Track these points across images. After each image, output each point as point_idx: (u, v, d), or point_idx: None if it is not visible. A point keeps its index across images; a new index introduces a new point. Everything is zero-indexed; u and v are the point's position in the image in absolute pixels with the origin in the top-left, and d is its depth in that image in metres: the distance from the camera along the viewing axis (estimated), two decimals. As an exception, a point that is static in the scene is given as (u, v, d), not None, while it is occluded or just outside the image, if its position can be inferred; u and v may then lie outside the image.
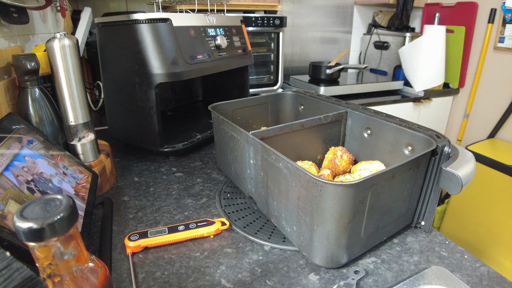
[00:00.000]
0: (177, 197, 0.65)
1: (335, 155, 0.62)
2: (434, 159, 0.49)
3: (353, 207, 0.42)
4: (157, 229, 0.53)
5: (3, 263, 0.32)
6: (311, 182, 0.41)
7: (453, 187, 0.46)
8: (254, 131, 0.56)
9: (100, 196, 0.65)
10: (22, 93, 0.59)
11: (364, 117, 0.64)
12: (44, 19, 0.97)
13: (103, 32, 0.76)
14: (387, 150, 0.60)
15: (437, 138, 0.50)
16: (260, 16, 1.32)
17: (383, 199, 0.45)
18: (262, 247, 0.51)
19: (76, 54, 0.59)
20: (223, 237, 0.54)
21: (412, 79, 1.71)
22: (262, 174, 0.53)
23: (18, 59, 0.56)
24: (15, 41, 0.78)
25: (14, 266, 0.31)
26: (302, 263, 0.48)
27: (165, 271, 0.47)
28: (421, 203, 0.53)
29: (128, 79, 0.73)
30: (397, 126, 0.57)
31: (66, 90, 0.59)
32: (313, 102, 0.76)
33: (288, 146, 0.62)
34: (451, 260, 0.48)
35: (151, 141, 0.77)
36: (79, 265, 0.28)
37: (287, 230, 0.50)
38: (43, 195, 0.27)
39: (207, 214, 0.60)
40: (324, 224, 0.42)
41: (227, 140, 0.63)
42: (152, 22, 0.69)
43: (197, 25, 0.78)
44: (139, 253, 0.50)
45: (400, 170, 0.45)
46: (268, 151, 0.49)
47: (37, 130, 0.56)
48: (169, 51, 0.70)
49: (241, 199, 0.64)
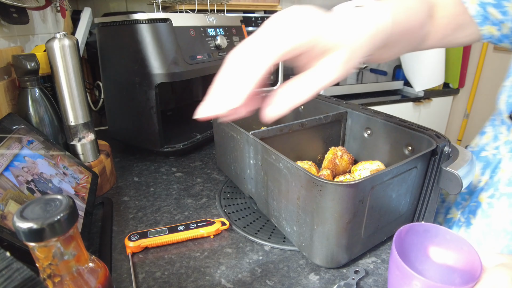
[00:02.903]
0: (177, 197, 0.65)
1: (335, 155, 0.62)
2: (434, 159, 0.49)
3: (353, 207, 0.42)
4: (157, 229, 0.53)
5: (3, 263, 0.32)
6: (311, 182, 0.41)
7: (453, 187, 0.46)
8: (254, 131, 0.56)
9: (100, 196, 0.65)
10: (22, 93, 0.59)
11: (364, 117, 0.64)
12: (44, 19, 0.97)
13: (103, 32, 0.76)
14: (387, 150, 0.60)
15: (437, 138, 0.50)
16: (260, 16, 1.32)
17: (383, 199, 0.45)
18: (262, 247, 0.51)
19: (76, 54, 0.59)
20: (223, 237, 0.54)
21: (412, 79, 1.71)
22: (262, 174, 0.53)
23: (18, 59, 0.56)
24: (15, 41, 0.78)
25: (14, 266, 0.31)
26: (302, 263, 0.48)
27: (165, 271, 0.47)
28: (421, 203, 0.53)
29: (128, 79, 0.73)
30: (397, 126, 0.57)
31: (66, 90, 0.59)
32: (313, 102, 0.76)
33: (288, 146, 0.62)
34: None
35: (151, 141, 0.77)
36: (79, 265, 0.28)
37: (287, 230, 0.50)
38: (43, 195, 0.27)
39: (207, 214, 0.60)
40: (324, 224, 0.42)
41: (227, 140, 0.63)
42: (152, 22, 0.69)
43: (197, 25, 0.78)
44: (139, 253, 0.50)
45: (400, 170, 0.45)
46: (268, 151, 0.49)
47: (37, 130, 0.56)
48: (169, 51, 0.70)
49: (241, 199, 0.64)
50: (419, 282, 0.29)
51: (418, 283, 0.29)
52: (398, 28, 0.38)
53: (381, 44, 0.36)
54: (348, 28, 0.31)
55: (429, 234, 0.35)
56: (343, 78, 0.32)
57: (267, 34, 0.30)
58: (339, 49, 0.31)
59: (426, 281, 0.28)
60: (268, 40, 0.29)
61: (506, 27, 0.51)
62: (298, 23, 0.30)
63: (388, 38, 0.37)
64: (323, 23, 0.30)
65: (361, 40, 0.32)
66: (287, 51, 0.29)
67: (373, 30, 0.34)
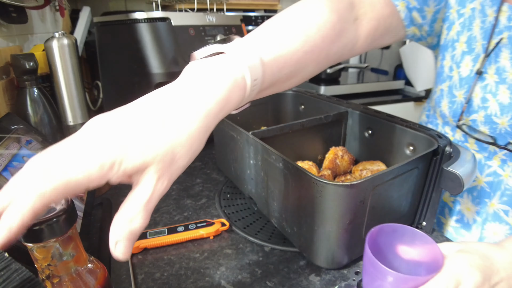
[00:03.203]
0: (177, 198, 0.65)
1: (336, 155, 0.61)
2: (436, 159, 0.48)
3: (354, 207, 0.41)
4: (156, 230, 0.53)
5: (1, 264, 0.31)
6: (311, 183, 0.41)
7: (454, 188, 0.45)
8: (254, 131, 0.55)
9: (99, 197, 0.64)
10: (20, 93, 0.58)
11: (365, 117, 0.63)
12: (43, 18, 0.97)
13: (102, 32, 0.75)
14: (388, 150, 0.60)
15: (438, 138, 0.50)
16: (260, 15, 1.32)
17: (384, 200, 0.45)
18: (262, 248, 0.51)
19: (75, 53, 0.59)
20: (223, 238, 0.53)
21: (413, 79, 1.71)
22: (262, 175, 0.53)
23: (16, 58, 0.56)
24: (14, 40, 0.78)
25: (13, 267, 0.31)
26: (302, 264, 0.48)
27: (164, 272, 0.46)
28: (422, 204, 0.52)
29: (127, 78, 0.73)
30: (398, 126, 0.56)
31: (64, 89, 0.59)
32: (313, 101, 0.75)
33: (288, 146, 0.61)
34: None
35: (151, 141, 0.77)
36: (78, 266, 0.27)
37: (287, 231, 0.50)
38: None
39: (207, 214, 0.60)
40: (325, 224, 0.42)
41: (227, 140, 0.63)
42: (151, 21, 0.68)
43: (197, 24, 0.78)
44: (138, 254, 0.50)
45: (401, 170, 0.44)
46: (268, 151, 0.49)
47: (35, 130, 0.56)
48: (168, 50, 0.70)
49: (241, 200, 0.64)
50: (391, 276, 0.32)
51: (390, 278, 0.32)
52: (283, 59, 0.35)
53: (255, 89, 0.33)
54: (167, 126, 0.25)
55: (397, 234, 0.38)
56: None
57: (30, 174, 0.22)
58: (143, 173, 0.25)
59: (398, 275, 0.32)
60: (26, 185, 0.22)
61: (424, 30, 0.57)
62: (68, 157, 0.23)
63: (272, 76, 0.34)
64: (116, 142, 0.24)
65: (190, 129, 0.26)
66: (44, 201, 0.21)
67: (225, 87, 0.29)
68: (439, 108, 0.59)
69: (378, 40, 0.51)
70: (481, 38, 0.52)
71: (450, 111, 0.56)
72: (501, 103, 0.50)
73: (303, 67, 0.39)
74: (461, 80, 0.54)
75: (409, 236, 0.38)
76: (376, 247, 0.37)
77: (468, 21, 0.53)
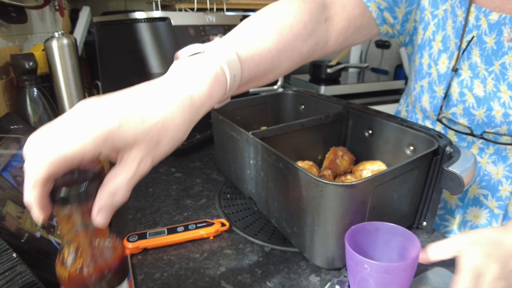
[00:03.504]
0: (177, 198, 0.65)
1: (336, 155, 0.61)
2: (436, 159, 0.48)
3: (355, 207, 0.41)
4: (156, 230, 0.52)
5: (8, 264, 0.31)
6: (311, 183, 0.41)
7: (454, 188, 0.45)
8: (254, 131, 0.55)
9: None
10: (20, 92, 0.58)
11: (365, 117, 0.63)
12: (42, 18, 0.97)
13: (102, 31, 0.75)
14: (389, 150, 0.59)
15: (439, 138, 0.50)
16: (260, 15, 1.31)
17: (384, 200, 0.45)
18: (262, 248, 0.51)
19: (75, 53, 0.59)
20: (222, 238, 0.53)
21: (412, 78, 1.71)
22: (262, 175, 0.52)
23: (16, 58, 0.56)
24: (14, 40, 0.78)
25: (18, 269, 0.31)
26: (302, 264, 0.48)
27: (164, 273, 0.46)
28: (422, 204, 0.52)
29: (127, 78, 0.73)
30: (399, 126, 0.56)
31: (64, 89, 0.59)
32: (313, 101, 0.75)
33: (288, 146, 0.61)
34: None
35: (151, 141, 0.77)
36: (99, 238, 0.28)
37: (287, 231, 0.50)
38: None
39: (207, 215, 0.60)
40: (325, 225, 0.42)
41: (227, 140, 0.63)
42: (151, 21, 0.68)
43: (197, 24, 0.78)
44: (138, 254, 0.50)
45: (401, 171, 0.44)
46: (268, 151, 0.49)
47: (35, 130, 0.56)
48: (168, 50, 0.70)
49: (241, 200, 0.64)
50: (367, 265, 0.35)
51: (367, 266, 0.35)
52: (258, 56, 0.38)
53: (235, 84, 0.35)
54: (148, 110, 0.27)
55: (380, 232, 0.41)
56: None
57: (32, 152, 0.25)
58: (131, 150, 0.27)
59: (374, 263, 0.34)
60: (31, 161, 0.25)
61: (396, 29, 0.60)
62: (63, 133, 0.25)
63: (249, 71, 0.37)
64: (105, 123, 0.25)
65: (173, 122, 0.28)
66: (46, 174, 0.24)
67: (207, 81, 0.31)
68: (420, 103, 0.62)
69: (351, 38, 0.53)
70: (454, 37, 0.55)
71: (431, 106, 0.59)
72: (477, 96, 0.54)
73: (278, 64, 0.42)
74: (439, 77, 0.57)
75: (392, 232, 0.41)
76: (358, 247, 0.39)
77: (442, 22, 0.56)
